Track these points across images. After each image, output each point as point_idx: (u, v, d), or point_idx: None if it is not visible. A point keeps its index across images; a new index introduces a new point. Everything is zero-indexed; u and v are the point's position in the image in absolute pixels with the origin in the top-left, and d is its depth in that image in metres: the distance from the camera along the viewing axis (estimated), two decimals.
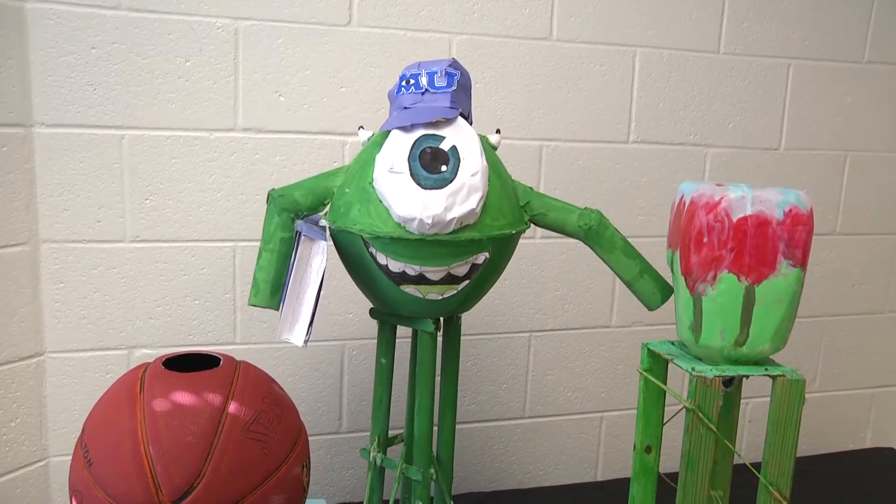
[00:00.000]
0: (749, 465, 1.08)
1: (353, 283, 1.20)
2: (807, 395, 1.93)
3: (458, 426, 1.68)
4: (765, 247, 0.99)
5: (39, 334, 1.46)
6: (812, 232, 1.02)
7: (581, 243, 1.21)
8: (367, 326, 1.61)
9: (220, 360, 0.88)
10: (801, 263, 1.01)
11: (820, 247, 1.90)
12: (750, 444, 1.93)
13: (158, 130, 1.46)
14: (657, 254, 1.59)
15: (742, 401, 1.86)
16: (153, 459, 0.77)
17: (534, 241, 1.68)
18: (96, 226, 1.45)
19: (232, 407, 0.82)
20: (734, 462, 1.17)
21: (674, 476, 1.21)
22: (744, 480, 1.24)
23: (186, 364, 0.88)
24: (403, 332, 1.48)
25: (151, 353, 1.51)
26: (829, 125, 1.85)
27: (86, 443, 0.82)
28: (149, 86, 1.44)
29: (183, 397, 0.81)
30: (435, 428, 1.29)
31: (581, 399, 1.79)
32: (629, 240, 1.20)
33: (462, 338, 1.66)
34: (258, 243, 1.49)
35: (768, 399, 1.05)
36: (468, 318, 1.66)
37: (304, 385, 1.61)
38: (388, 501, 1.29)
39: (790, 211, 1.00)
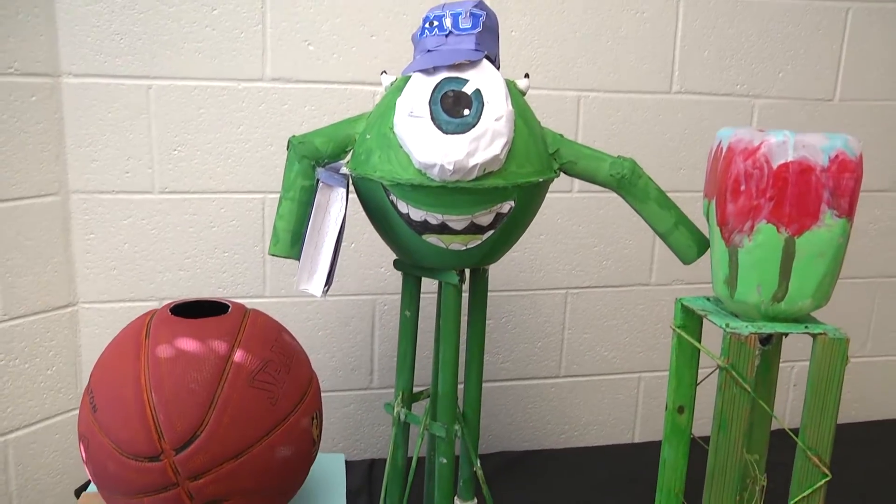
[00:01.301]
0: (787, 429, 1.03)
1: (381, 238, 1.17)
2: (856, 360, 1.86)
3: (491, 384, 1.66)
4: (807, 195, 0.93)
5: (72, 284, 1.47)
6: (860, 180, 0.95)
7: (618, 198, 1.15)
8: (399, 281, 1.59)
9: (228, 307, 0.86)
10: (848, 214, 0.94)
11: (875, 203, 1.80)
12: (794, 409, 1.86)
13: (185, 80, 1.44)
14: (699, 210, 1.52)
15: (786, 364, 1.80)
16: (155, 407, 0.76)
17: (570, 196, 1.63)
18: (125, 177, 1.45)
19: (237, 355, 0.79)
20: (775, 428, 1.12)
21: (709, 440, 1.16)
22: (786, 445, 1.18)
23: (196, 311, 0.86)
24: (432, 287, 1.45)
25: None
26: (890, 74, 1.74)
27: (91, 388, 0.81)
28: (175, 35, 1.42)
29: (187, 344, 0.79)
30: (462, 385, 1.26)
31: (618, 359, 1.74)
32: (670, 196, 1.14)
33: (496, 294, 1.62)
34: None
35: None
36: (502, 274, 1.62)
37: (335, 340, 1.59)
38: (413, 458, 1.26)
39: (836, 157, 0.93)
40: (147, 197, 1.47)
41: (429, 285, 1.48)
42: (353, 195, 1.11)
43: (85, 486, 1.50)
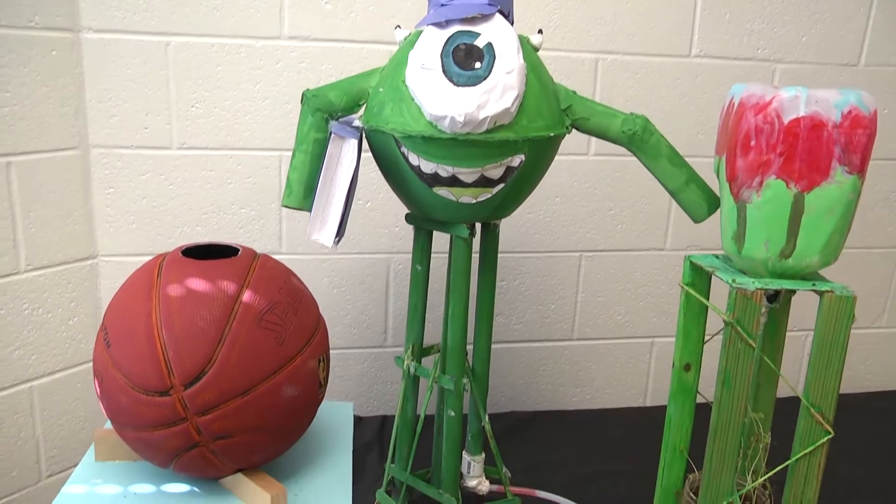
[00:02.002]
0: (791, 386, 1.03)
1: (393, 192, 1.18)
2: (872, 330, 1.85)
3: (503, 345, 1.67)
4: (818, 151, 0.92)
5: (92, 238, 1.50)
6: (874, 137, 0.94)
7: (637, 162, 1.15)
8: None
9: (238, 250, 0.88)
10: (859, 170, 0.94)
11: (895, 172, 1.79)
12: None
13: (203, 37, 1.45)
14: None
15: (801, 332, 1.79)
16: (166, 343, 0.78)
17: (586, 159, 1.63)
18: (143, 132, 1.47)
19: (246, 296, 0.81)
20: (787, 395, 1.12)
21: None
22: (796, 413, 1.19)
23: (207, 254, 0.88)
24: (444, 246, 1.46)
25: None
26: None
27: (105, 326, 0.83)
28: None
29: (197, 284, 0.81)
30: (471, 347, 1.27)
31: (631, 323, 1.75)
32: (688, 161, 1.14)
33: (510, 255, 1.63)
34: None
35: None
36: (516, 235, 1.63)
37: (350, 297, 1.61)
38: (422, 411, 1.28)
39: (849, 112, 0.92)
40: (165, 153, 1.49)
41: (441, 244, 1.49)
42: (367, 153, 1.12)
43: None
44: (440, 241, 1.51)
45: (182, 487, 0.88)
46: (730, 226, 1.00)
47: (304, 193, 1.09)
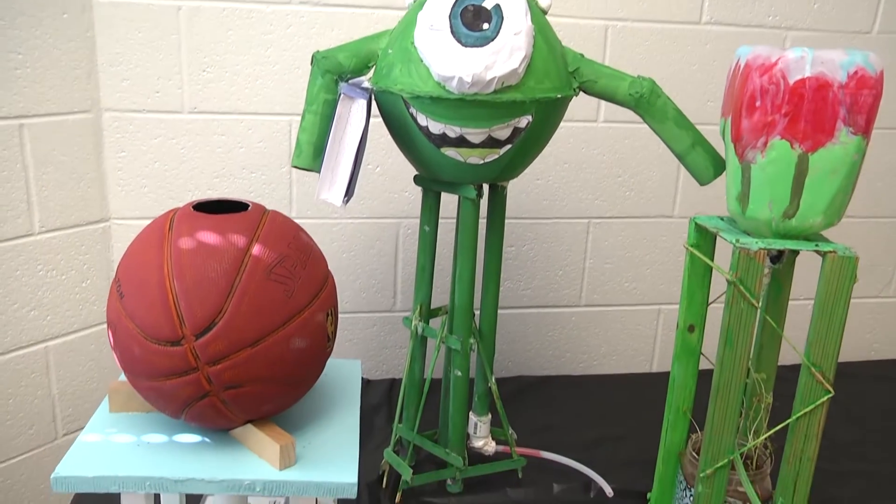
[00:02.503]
0: (793, 346, 1.04)
1: (402, 153, 1.19)
2: (879, 300, 1.85)
3: (511, 311, 1.69)
4: (823, 112, 0.93)
5: (104, 201, 1.52)
6: (880, 97, 0.94)
7: (646, 129, 1.16)
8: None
9: (248, 206, 0.89)
10: (864, 131, 0.94)
11: None
12: None
13: (215, 2, 1.45)
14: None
15: (807, 301, 1.79)
16: (177, 294, 0.80)
17: (595, 125, 1.63)
18: (155, 96, 1.48)
19: (256, 249, 0.83)
20: (791, 363, 1.13)
21: None
22: (796, 378, 1.20)
23: (217, 209, 0.90)
24: (452, 212, 1.47)
25: None
26: None
27: (119, 277, 0.85)
28: None
29: (208, 237, 0.82)
30: (477, 312, 1.29)
31: (639, 290, 1.76)
32: (696, 128, 1.14)
33: (518, 221, 1.64)
34: None
35: None
36: (525, 201, 1.64)
37: (360, 261, 1.63)
38: (429, 371, 1.30)
39: (855, 73, 0.92)
40: (177, 117, 1.50)
41: (450, 210, 1.50)
42: (375, 118, 1.12)
43: None
44: (449, 206, 1.52)
45: (193, 438, 0.90)
46: (734, 186, 1.00)
47: (313, 154, 1.10)
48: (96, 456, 0.86)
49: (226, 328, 0.80)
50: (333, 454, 0.89)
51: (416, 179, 1.21)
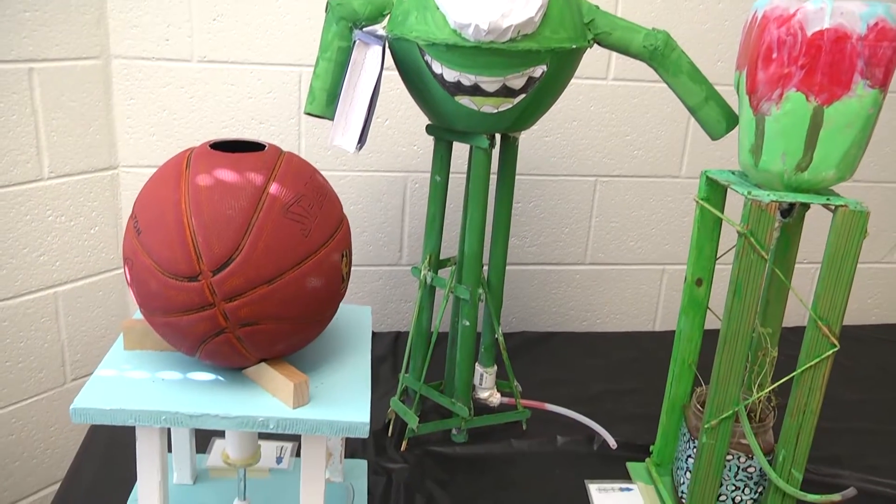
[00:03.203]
0: (801, 299, 1.05)
1: (415, 103, 1.19)
2: (882, 265, 1.87)
3: (516, 267, 1.70)
4: (840, 64, 0.93)
5: (113, 148, 1.52)
6: None
7: (656, 88, 1.15)
8: (431, 160, 1.61)
9: (265, 146, 0.90)
10: (882, 84, 0.94)
11: None
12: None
13: None
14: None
15: (809, 265, 1.81)
16: (195, 230, 0.80)
17: (605, 83, 1.62)
18: (164, 44, 1.47)
19: (273, 188, 0.83)
20: (793, 325, 1.14)
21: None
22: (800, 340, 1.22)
23: (233, 149, 0.90)
24: (461, 168, 1.47)
25: None
26: None
27: (135, 214, 0.85)
28: None
29: (225, 174, 0.83)
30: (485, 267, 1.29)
31: (644, 250, 1.77)
32: None
33: (525, 177, 1.64)
34: None
35: None
36: (533, 158, 1.64)
37: (367, 215, 1.64)
38: (437, 321, 1.31)
39: (875, 24, 0.92)
40: (186, 65, 1.49)
41: (458, 164, 1.50)
42: (386, 72, 1.12)
43: None
44: (457, 160, 1.52)
45: (207, 376, 0.91)
46: (748, 139, 1.01)
47: (326, 101, 1.10)
48: (112, 390, 0.87)
49: (243, 265, 0.80)
50: (346, 394, 0.90)
51: (429, 129, 1.21)
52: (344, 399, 0.89)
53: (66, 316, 1.51)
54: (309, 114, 1.10)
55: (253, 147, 0.91)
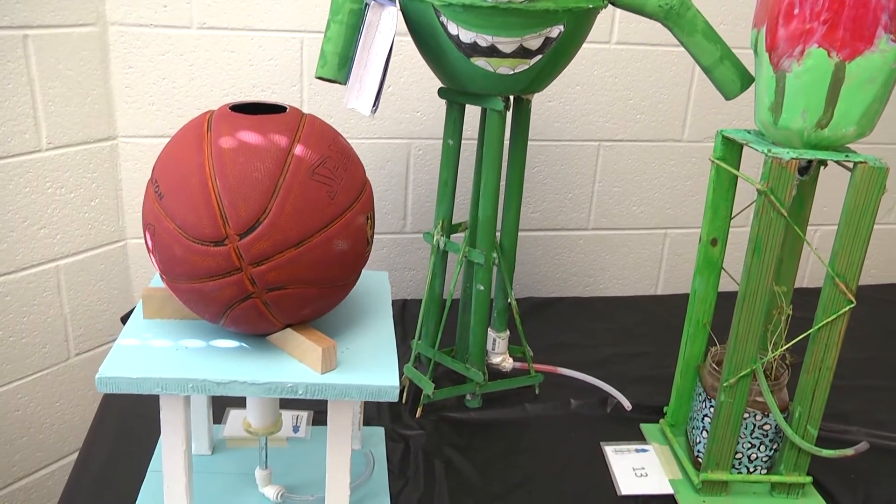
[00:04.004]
0: (817, 254, 1.06)
1: (421, 67, 1.17)
2: (880, 226, 1.88)
3: (522, 233, 1.69)
4: (864, 18, 0.92)
5: (112, 118, 1.49)
6: None
7: (659, 52, 1.14)
8: (435, 126, 1.60)
9: (286, 108, 0.88)
10: None
11: None
12: (814, 271, 1.89)
13: None
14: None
15: (811, 227, 1.81)
16: (220, 193, 0.79)
17: (608, 47, 1.61)
18: (163, 11, 1.44)
19: (298, 149, 0.82)
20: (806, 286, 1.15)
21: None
22: (808, 304, 1.23)
23: (251, 111, 0.88)
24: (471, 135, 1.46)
25: None
26: None
27: (156, 178, 0.83)
28: None
29: (249, 136, 0.81)
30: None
31: (646, 214, 1.77)
32: None
33: (530, 143, 1.63)
34: None
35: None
36: (536, 123, 1.63)
37: (370, 182, 1.62)
38: (451, 285, 1.31)
39: None
40: (185, 32, 1.46)
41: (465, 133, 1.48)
42: (399, 34, 1.10)
43: (129, 315, 1.57)
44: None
45: (231, 343, 0.90)
46: (767, 97, 1.00)
47: (338, 64, 1.08)
48: (136, 359, 0.86)
49: (270, 228, 0.79)
50: (373, 359, 0.90)
51: (441, 92, 1.19)
52: (371, 363, 0.89)
53: (69, 290, 1.49)
54: (320, 77, 1.08)
55: (273, 109, 0.89)
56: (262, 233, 0.79)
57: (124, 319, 1.57)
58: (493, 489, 1.13)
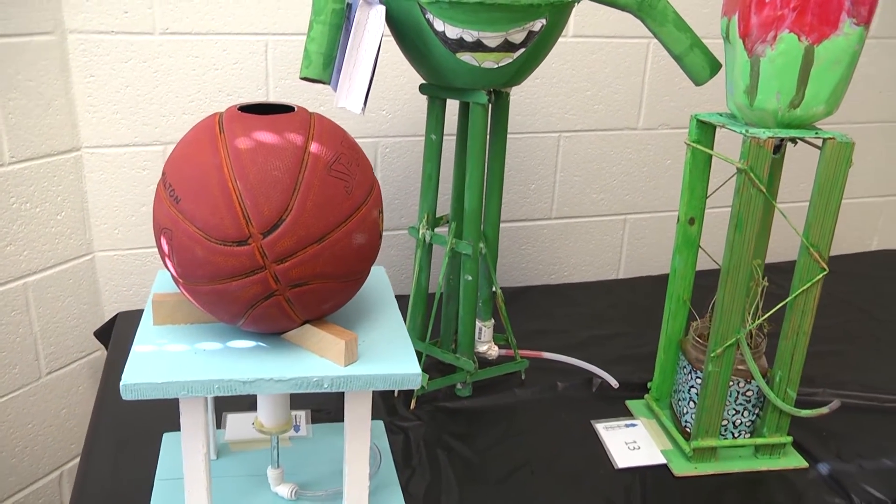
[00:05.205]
0: (793, 226, 1.12)
1: (393, 61, 1.19)
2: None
3: None
4: (829, 4, 0.99)
5: (75, 129, 1.46)
6: None
7: (614, 44, 1.19)
8: (401, 124, 1.62)
9: (293, 108, 0.89)
10: (866, 22, 1.01)
11: None
12: (783, 246, 1.96)
13: None
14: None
15: (783, 204, 1.90)
16: (241, 193, 0.79)
17: (565, 41, 1.66)
18: (124, 17, 1.42)
19: (313, 147, 0.83)
20: (777, 261, 1.22)
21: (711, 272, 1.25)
22: (782, 279, 1.30)
23: (258, 112, 0.89)
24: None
25: None
26: None
27: (170, 182, 0.83)
28: None
29: (265, 136, 0.82)
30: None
31: (606, 201, 1.83)
32: None
33: None
34: (291, 37, 1.47)
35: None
36: None
37: None
38: (440, 278, 1.32)
39: None
40: (147, 38, 1.44)
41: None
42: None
43: (102, 329, 1.54)
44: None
45: (248, 343, 0.90)
46: (742, 80, 1.06)
47: (323, 63, 1.09)
48: (157, 364, 0.85)
49: (293, 225, 0.80)
50: (391, 349, 0.91)
51: (423, 88, 1.22)
52: (390, 353, 0.91)
53: (38, 307, 1.45)
54: (305, 78, 1.09)
55: (278, 109, 0.90)
56: (286, 230, 0.80)
57: (97, 334, 1.53)
58: (497, 472, 1.16)
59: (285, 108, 0.90)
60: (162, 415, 1.22)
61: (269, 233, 0.80)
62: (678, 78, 1.74)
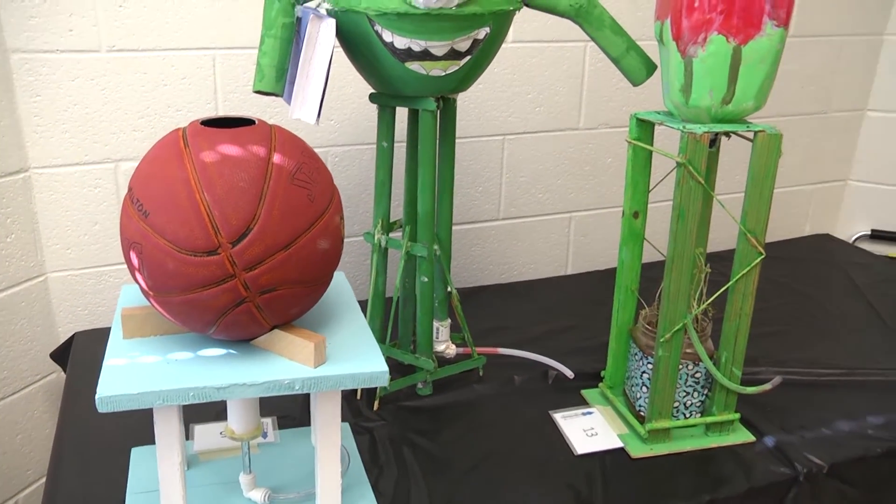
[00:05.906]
0: (731, 215, 1.19)
1: (354, 68, 1.22)
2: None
3: None
4: (752, 7, 1.06)
5: (22, 149, 1.45)
6: None
7: (552, 48, 1.25)
8: (349, 133, 1.65)
9: (254, 121, 0.92)
10: (785, 23, 1.08)
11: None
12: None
13: None
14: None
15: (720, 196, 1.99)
16: (209, 205, 0.82)
17: (507, 46, 1.72)
18: (68, 35, 1.42)
19: (276, 157, 0.86)
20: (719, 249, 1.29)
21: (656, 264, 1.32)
22: (723, 267, 1.37)
23: (220, 126, 0.91)
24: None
25: None
26: None
27: (137, 198, 0.85)
28: None
29: (229, 149, 0.84)
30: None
31: (551, 200, 1.89)
32: None
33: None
34: (238, 51, 1.49)
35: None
36: None
37: None
38: (397, 281, 1.36)
39: None
40: (94, 56, 1.45)
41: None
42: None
43: (59, 350, 1.53)
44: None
45: (218, 351, 0.92)
46: (677, 80, 1.13)
47: (276, 77, 1.12)
48: (131, 376, 0.87)
49: (261, 233, 0.83)
50: (357, 349, 0.95)
51: (373, 97, 1.25)
52: (357, 353, 0.94)
53: None
54: (259, 91, 1.12)
55: (239, 122, 0.93)
56: (254, 238, 0.83)
57: (54, 356, 1.53)
58: (462, 464, 1.20)
59: (246, 122, 0.92)
60: (127, 432, 1.23)
61: (238, 242, 0.83)
62: (616, 79, 1.81)
